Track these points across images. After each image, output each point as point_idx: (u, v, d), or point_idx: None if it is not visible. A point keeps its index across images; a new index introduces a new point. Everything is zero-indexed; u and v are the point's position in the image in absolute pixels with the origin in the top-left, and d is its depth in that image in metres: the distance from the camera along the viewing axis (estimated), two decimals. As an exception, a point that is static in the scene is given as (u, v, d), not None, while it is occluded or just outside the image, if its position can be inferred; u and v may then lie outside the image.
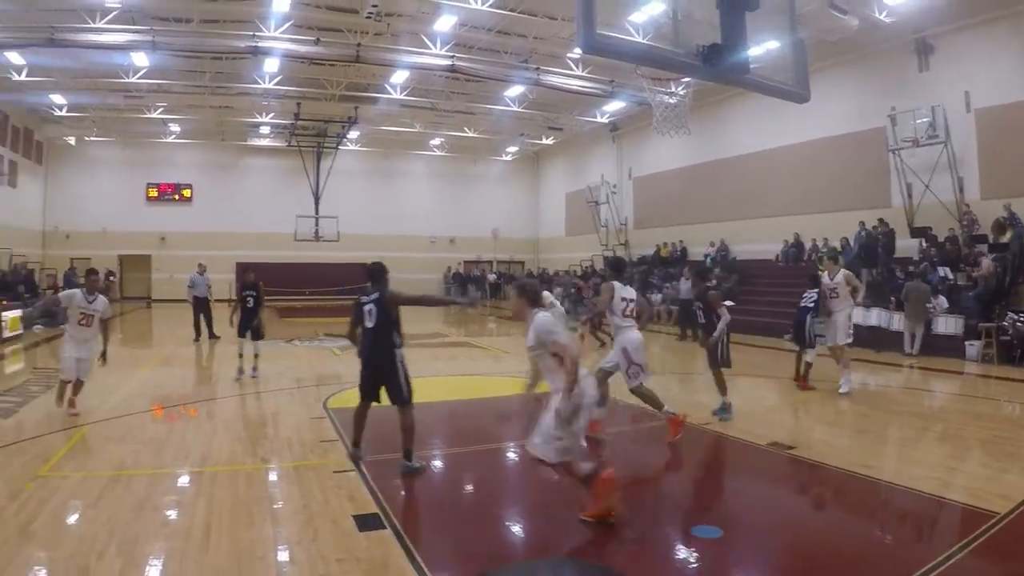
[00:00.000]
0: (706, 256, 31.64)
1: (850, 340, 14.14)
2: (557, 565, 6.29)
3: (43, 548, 6.49)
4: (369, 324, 8.75)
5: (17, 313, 24.71)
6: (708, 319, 11.84)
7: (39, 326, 25.76)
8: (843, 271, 14.26)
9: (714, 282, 11.81)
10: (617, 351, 10.13)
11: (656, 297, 29.02)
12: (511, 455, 9.80)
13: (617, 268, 11.07)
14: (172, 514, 7.36)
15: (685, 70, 11.90)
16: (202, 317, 23.52)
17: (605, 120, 38.21)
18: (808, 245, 27.66)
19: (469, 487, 8.76)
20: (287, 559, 6.23)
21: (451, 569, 6.20)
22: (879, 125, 24.22)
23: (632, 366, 9.97)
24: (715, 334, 11.51)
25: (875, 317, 22.05)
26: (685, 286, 24.49)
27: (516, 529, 7.14)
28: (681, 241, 34.71)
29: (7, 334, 23.39)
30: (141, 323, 33.15)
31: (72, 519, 7.24)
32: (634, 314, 10.17)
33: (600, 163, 41.97)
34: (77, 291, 12.03)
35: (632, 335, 10.06)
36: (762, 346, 21.64)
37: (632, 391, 10.14)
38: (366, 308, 8.85)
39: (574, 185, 44.79)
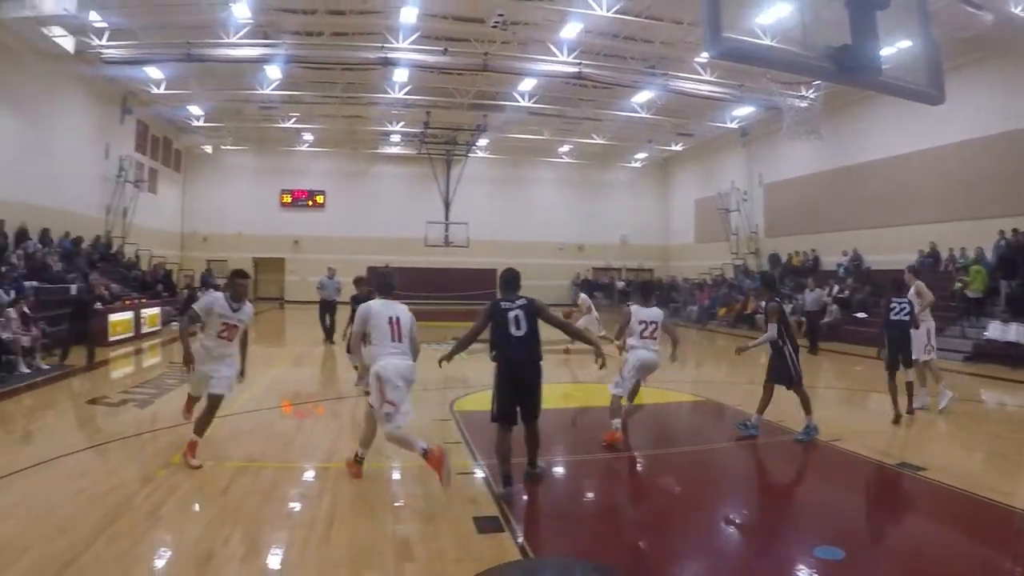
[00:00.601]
0: (839, 266, 30.65)
1: (931, 356, 13.34)
2: (557, 565, 6.20)
3: (170, 531, 6.82)
4: (517, 332, 8.24)
5: (156, 311, 26.24)
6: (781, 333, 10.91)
7: (175, 323, 26.68)
8: (916, 282, 13.62)
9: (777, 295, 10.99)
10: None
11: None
12: (633, 463, 9.69)
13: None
14: (296, 506, 7.63)
15: (815, 73, 11.52)
16: (327, 318, 23.82)
17: (735, 125, 37.35)
18: (944, 255, 26.30)
19: (590, 495, 8.65)
20: (406, 555, 6.31)
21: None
22: (1020, 127, 23.05)
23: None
24: (751, 344, 11.35)
25: (1013, 332, 20.59)
26: (811, 297, 23.75)
27: (635, 538, 7.04)
28: (813, 250, 33.54)
29: (146, 329, 24.95)
30: (274, 323, 33.99)
31: (200, 506, 7.58)
32: (653, 335, 9.99)
33: (730, 169, 40.93)
34: (218, 296, 9.42)
35: (638, 354, 10.53)
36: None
37: None
38: (511, 314, 8.33)
39: (704, 192, 43.96)
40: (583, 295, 21.61)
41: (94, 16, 24.29)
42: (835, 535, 6.90)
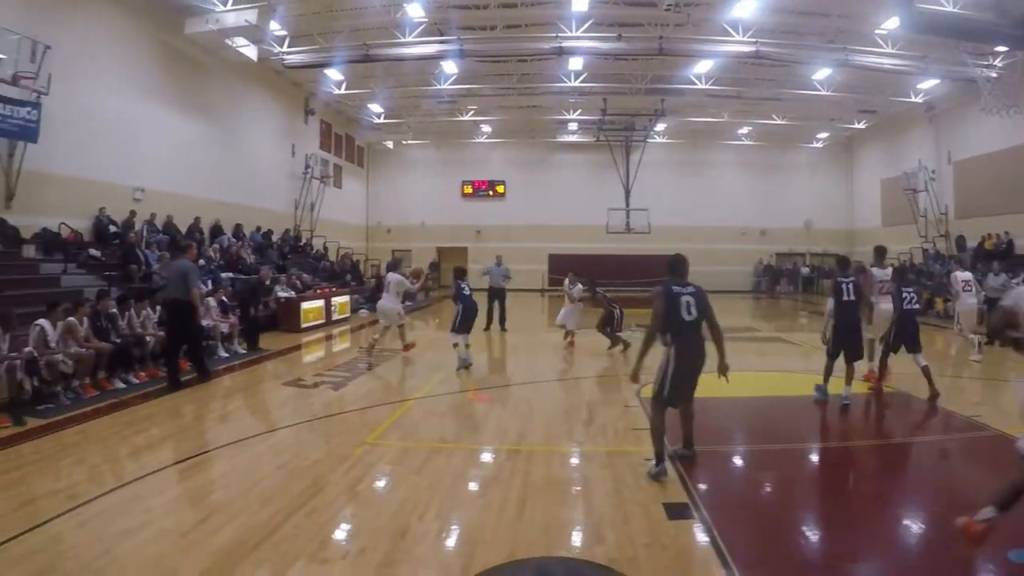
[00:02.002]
0: None
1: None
2: (556, 564, 6.05)
3: (367, 507, 7.21)
4: (688, 317, 8.17)
5: (345, 299, 27.22)
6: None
7: (364, 310, 28.05)
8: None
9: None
10: None
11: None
12: (823, 456, 9.43)
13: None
14: (489, 486, 7.78)
15: (1010, 42, 11.06)
16: (496, 306, 24.05)
17: (920, 100, 35.33)
18: None
19: (780, 486, 8.35)
20: (596, 538, 6.38)
21: (755, 565, 5.99)
22: None
23: None
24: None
25: None
26: (995, 282, 22.10)
27: (823, 531, 6.83)
28: (1007, 232, 30.63)
29: (336, 316, 25.93)
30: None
31: (395, 483, 7.88)
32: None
33: (917, 147, 38.57)
34: None
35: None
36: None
37: None
38: (684, 299, 8.23)
39: (890, 172, 41.63)
40: (578, 285, 20.71)
41: (274, 25, 25.44)
42: None
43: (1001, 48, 17.84)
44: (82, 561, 5.77)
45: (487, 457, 9.03)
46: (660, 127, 43.98)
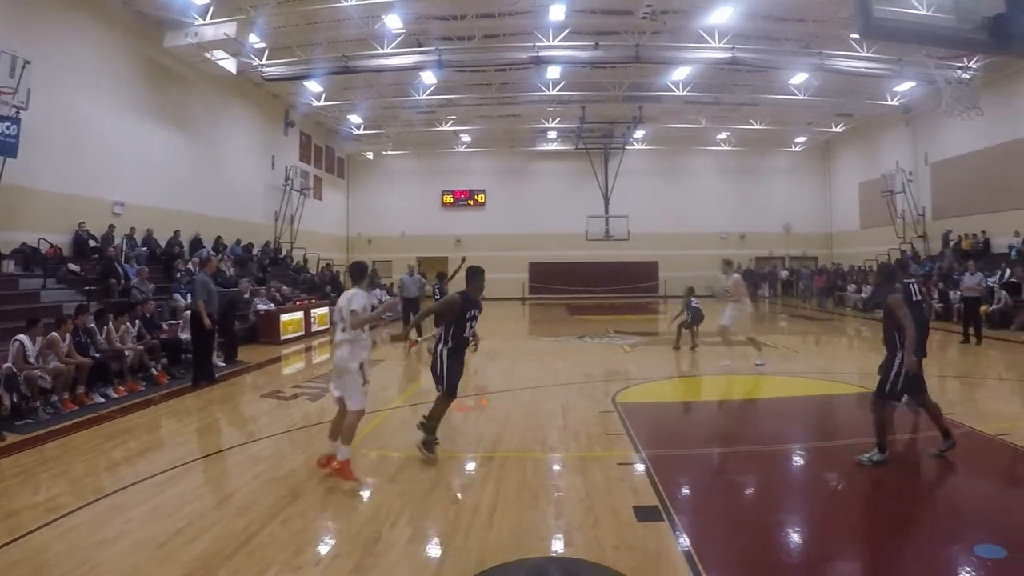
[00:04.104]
0: (1010, 248, 28.64)
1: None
2: (556, 564, 6.18)
3: (341, 514, 7.33)
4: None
5: (324, 311, 27.06)
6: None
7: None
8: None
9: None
10: None
11: (955, 295, 26.34)
12: (795, 458, 9.52)
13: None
14: (461, 493, 7.94)
15: (968, 46, 11.16)
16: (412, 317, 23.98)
17: (896, 102, 35.60)
18: None
19: (751, 489, 8.51)
20: (566, 542, 6.52)
21: (724, 567, 6.15)
22: None
23: None
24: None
25: None
26: (971, 280, 22.09)
27: (794, 535, 6.93)
28: (983, 232, 31.30)
29: (316, 328, 26.01)
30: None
31: (369, 492, 8.01)
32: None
33: (894, 149, 38.96)
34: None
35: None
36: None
37: None
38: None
39: (867, 174, 42.18)
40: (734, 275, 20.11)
41: (253, 38, 25.46)
42: (998, 533, 6.64)
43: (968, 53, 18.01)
44: (61, 571, 5.87)
45: (461, 464, 9.14)
46: (639, 134, 44.12)
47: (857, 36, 25.79)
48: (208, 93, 28.54)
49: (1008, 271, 26.37)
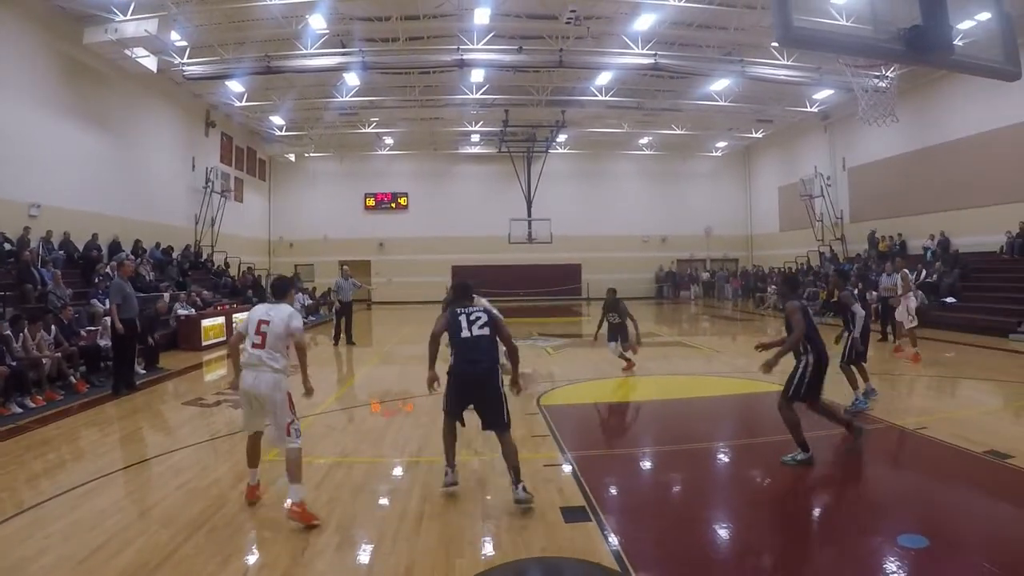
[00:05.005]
0: (925, 249, 29.63)
1: None
2: (556, 563, 6.22)
3: (267, 523, 7.22)
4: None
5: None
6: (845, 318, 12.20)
7: None
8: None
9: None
10: None
11: (872, 295, 26.87)
12: (720, 456, 9.64)
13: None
14: (388, 498, 7.91)
15: (886, 56, 11.31)
16: (343, 321, 23.86)
17: (815, 109, 36.57)
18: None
19: (677, 487, 8.65)
20: (494, 545, 6.52)
21: (652, 566, 6.19)
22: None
23: None
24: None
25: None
26: (887, 281, 22.45)
27: (721, 532, 7.02)
28: (900, 234, 32.40)
29: None
30: (362, 324, 34.40)
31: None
32: None
33: (813, 154, 39.94)
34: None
35: None
36: (984, 346, 20.19)
37: None
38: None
39: (787, 179, 43.16)
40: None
41: (175, 36, 25.02)
42: (919, 523, 6.83)
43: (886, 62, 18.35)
44: (-23, 591, 5.70)
45: (387, 470, 9.11)
46: (561, 138, 44.48)
47: (777, 45, 26.22)
48: (128, 92, 27.94)
49: (924, 272, 27.14)
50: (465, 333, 7.79)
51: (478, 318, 7.90)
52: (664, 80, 32.55)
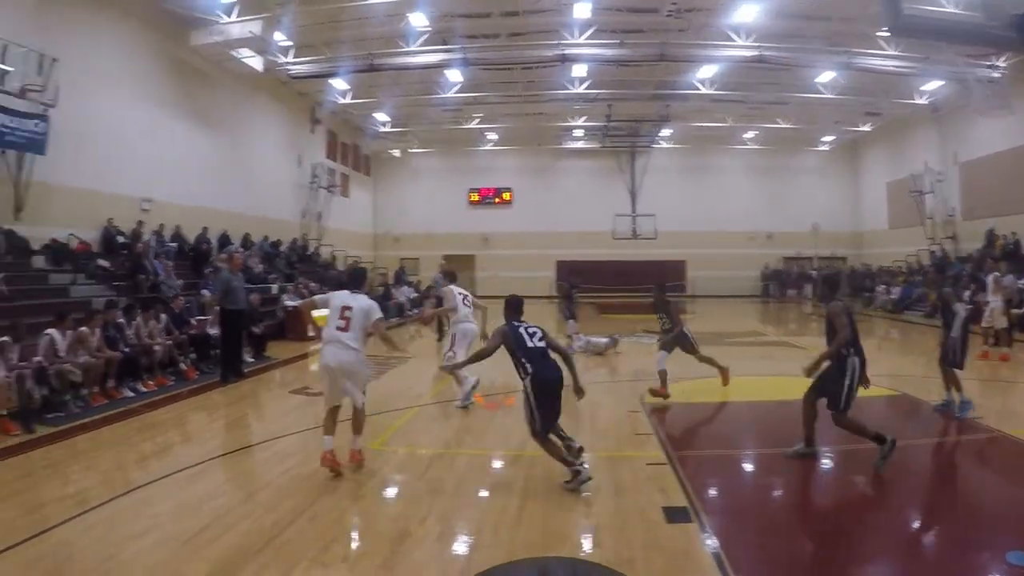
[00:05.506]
0: None
1: None
2: (557, 564, 6.13)
3: (369, 510, 7.40)
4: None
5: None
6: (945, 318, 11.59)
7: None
8: None
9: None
10: None
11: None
12: (823, 461, 9.22)
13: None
14: (490, 491, 7.94)
15: (999, 44, 11.05)
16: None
17: (924, 101, 35.02)
18: None
19: (779, 491, 8.40)
20: (594, 542, 6.46)
21: (753, 569, 6.06)
22: None
23: None
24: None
25: None
26: (1003, 282, 21.41)
27: (821, 539, 6.84)
28: (1014, 233, 30.00)
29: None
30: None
31: (398, 488, 8.07)
32: None
33: (922, 149, 38.27)
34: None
35: None
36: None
37: None
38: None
39: (896, 174, 41.47)
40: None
41: (279, 36, 25.62)
42: None
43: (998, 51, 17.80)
44: (87, 565, 5.92)
45: (489, 462, 9.15)
46: (665, 132, 44.06)
47: (884, 34, 25.58)
48: (235, 91, 28.70)
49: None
50: (531, 344, 8.19)
51: (534, 332, 8.30)
52: (768, 72, 31.93)
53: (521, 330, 8.29)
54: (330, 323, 8.73)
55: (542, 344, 8.24)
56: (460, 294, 13.09)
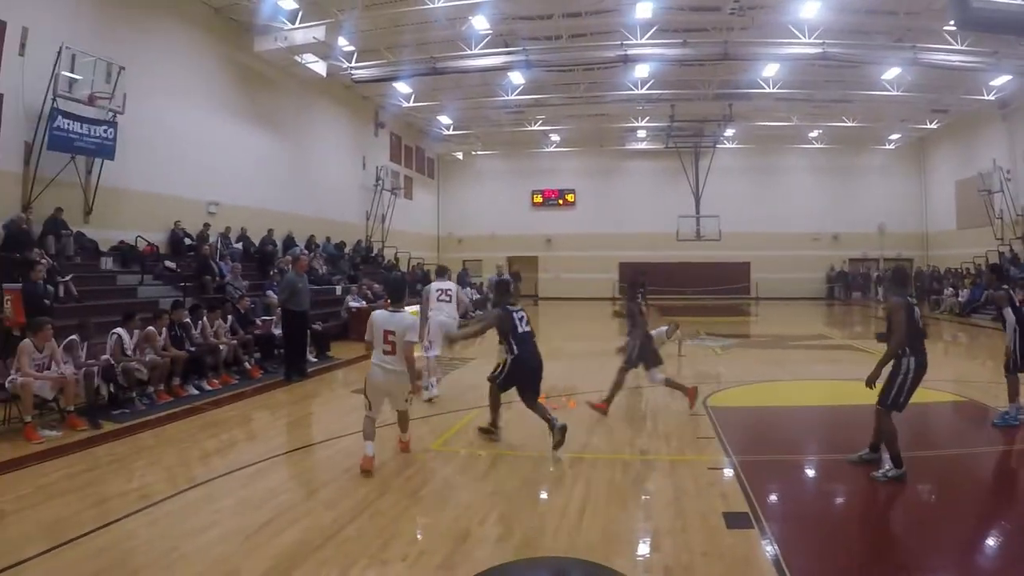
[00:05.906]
0: None
1: None
2: (558, 564, 6.12)
3: (429, 510, 7.37)
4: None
5: (415, 308, 26.80)
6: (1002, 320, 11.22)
7: None
8: None
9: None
10: None
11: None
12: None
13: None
14: (551, 493, 7.92)
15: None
16: None
17: (993, 97, 34.42)
18: None
19: (841, 498, 8.21)
20: (653, 545, 6.43)
21: (814, 577, 5.97)
22: None
23: None
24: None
25: None
26: None
27: (886, 547, 6.66)
28: None
29: None
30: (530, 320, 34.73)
31: (458, 489, 8.02)
32: None
33: (991, 146, 37.18)
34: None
35: None
36: None
37: None
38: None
39: (964, 172, 40.26)
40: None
41: (342, 41, 26.12)
42: None
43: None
44: (150, 557, 6.03)
45: (550, 464, 9.07)
46: (729, 132, 43.60)
47: (951, 28, 25.14)
48: (299, 95, 29.16)
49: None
50: (522, 329, 9.50)
51: (522, 317, 9.62)
52: (833, 70, 31.56)
53: (515, 315, 9.49)
54: (376, 346, 8.77)
55: (529, 328, 9.61)
56: (438, 290, 14.06)
